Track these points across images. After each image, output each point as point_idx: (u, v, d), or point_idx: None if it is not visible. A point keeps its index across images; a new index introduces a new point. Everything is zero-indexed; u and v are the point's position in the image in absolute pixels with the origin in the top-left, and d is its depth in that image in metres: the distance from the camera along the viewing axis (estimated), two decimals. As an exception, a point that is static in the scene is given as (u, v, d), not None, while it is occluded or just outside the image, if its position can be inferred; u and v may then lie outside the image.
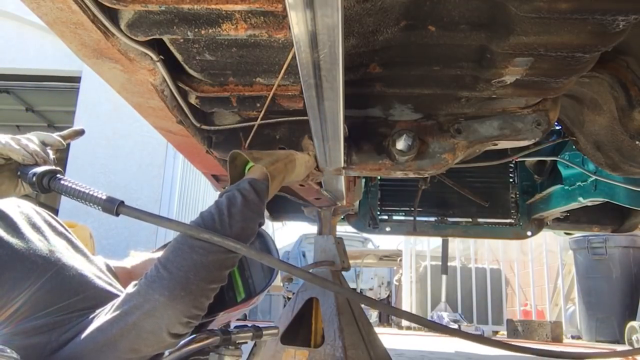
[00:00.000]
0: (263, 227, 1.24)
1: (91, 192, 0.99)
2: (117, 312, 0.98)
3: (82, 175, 6.19)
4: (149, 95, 1.26)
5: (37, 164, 1.01)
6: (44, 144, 1.07)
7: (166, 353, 1.00)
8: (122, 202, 0.99)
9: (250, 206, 1.11)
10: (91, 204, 0.99)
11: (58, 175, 1.00)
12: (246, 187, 1.13)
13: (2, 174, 1.00)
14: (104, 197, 0.98)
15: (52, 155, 1.08)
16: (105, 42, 1.01)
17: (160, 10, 0.96)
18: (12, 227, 1.06)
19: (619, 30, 1.01)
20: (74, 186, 0.99)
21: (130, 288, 1.01)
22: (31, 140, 1.05)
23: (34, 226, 1.11)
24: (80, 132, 1.19)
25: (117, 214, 0.99)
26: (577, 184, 2.48)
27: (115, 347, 0.95)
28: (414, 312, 8.67)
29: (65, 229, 1.21)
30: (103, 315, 1.00)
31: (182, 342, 0.99)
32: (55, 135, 1.11)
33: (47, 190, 0.99)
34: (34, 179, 0.98)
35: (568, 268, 7.67)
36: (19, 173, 1.00)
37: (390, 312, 10.16)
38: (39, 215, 1.16)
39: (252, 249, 1.07)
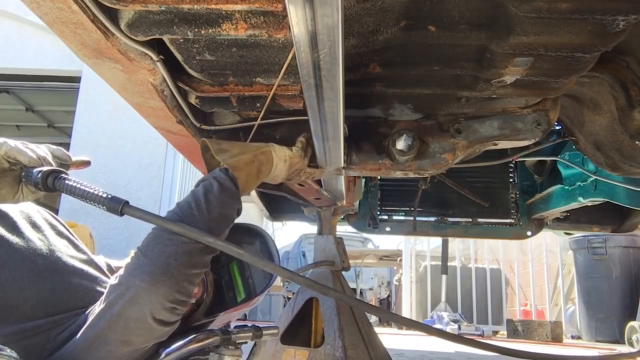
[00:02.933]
0: (263, 228, 1.24)
1: (96, 192, 0.99)
2: (103, 305, 0.98)
3: (82, 175, 6.10)
4: (149, 95, 1.26)
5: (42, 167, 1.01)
6: (52, 155, 1.09)
7: (163, 354, 0.99)
8: (127, 202, 1.00)
9: (226, 192, 1.12)
10: (96, 204, 0.99)
11: (63, 175, 1.01)
12: (221, 175, 1.15)
13: (4, 179, 1.00)
14: (108, 197, 0.99)
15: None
16: (105, 42, 1.02)
17: (160, 10, 0.96)
18: (12, 226, 1.06)
19: (619, 30, 1.01)
20: (78, 186, 0.99)
21: (112, 280, 1.01)
22: (40, 148, 1.07)
23: (34, 225, 1.12)
24: (87, 163, 1.21)
25: (122, 214, 0.99)
26: (577, 184, 2.48)
27: (106, 340, 0.96)
28: (414, 311, 8.69)
29: (66, 228, 1.21)
30: (95, 310, 1.00)
31: (182, 342, 0.99)
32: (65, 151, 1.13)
33: (51, 189, 0.99)
34: (39, 176, 0.98)
35: (568, 268, 7.66)
36: (23, 174, 1.01)
37: (385, 315, 10.13)
38: (40, 214, 1.17)
39: (250, 252, 1.08)
